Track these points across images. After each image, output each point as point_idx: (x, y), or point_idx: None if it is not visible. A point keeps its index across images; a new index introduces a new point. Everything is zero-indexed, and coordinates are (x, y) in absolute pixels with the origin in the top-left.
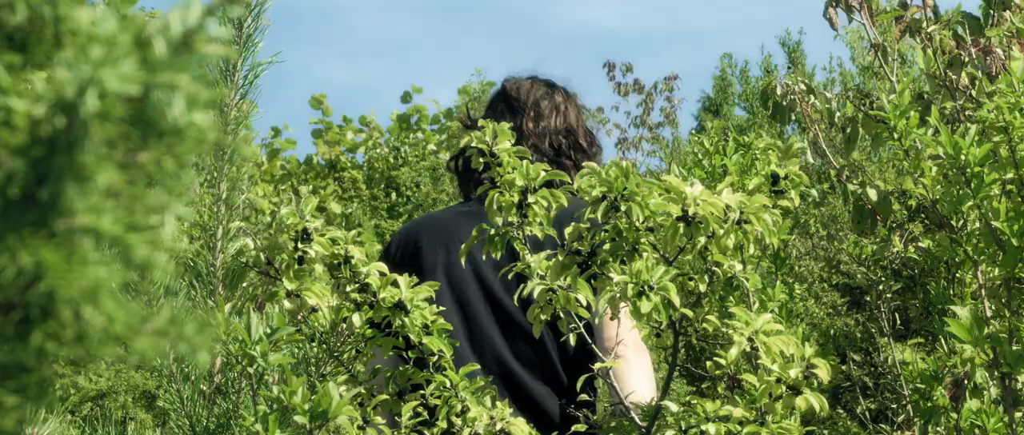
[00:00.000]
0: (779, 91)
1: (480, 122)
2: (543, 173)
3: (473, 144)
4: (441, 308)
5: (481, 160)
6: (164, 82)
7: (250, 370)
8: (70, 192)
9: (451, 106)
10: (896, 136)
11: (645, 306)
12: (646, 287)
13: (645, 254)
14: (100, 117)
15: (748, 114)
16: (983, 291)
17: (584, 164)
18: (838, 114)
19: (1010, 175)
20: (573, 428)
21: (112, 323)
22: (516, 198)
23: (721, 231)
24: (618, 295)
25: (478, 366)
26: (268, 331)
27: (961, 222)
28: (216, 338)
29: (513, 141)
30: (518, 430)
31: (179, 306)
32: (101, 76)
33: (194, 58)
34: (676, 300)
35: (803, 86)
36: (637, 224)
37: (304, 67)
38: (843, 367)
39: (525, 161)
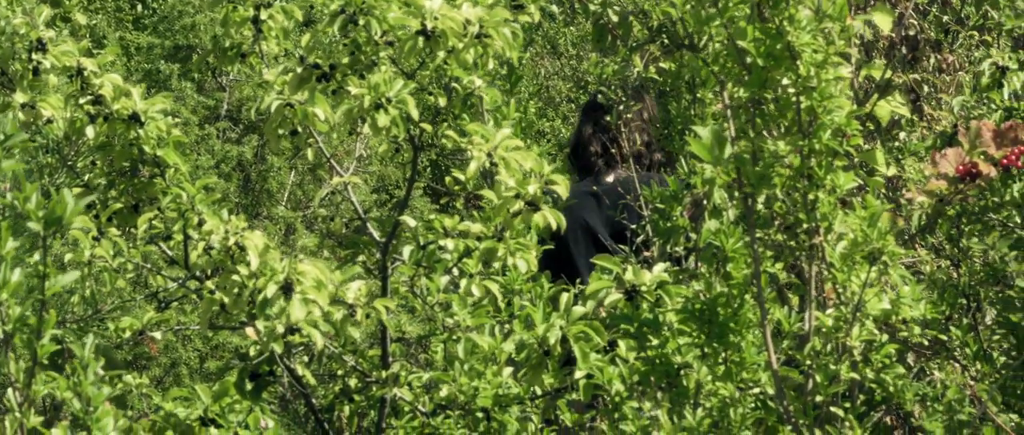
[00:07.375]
0: None
1: None
2: None
3: None
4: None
5: None
6: None
7: None
8: None
9: None
10: None
11: (382, 119)
12: (384, 100)
13: (384, 68)
14: None
15: None
16: (728, 112)
17: None
18: None
19: None
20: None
21: None
22: (250, 13)
23: (460, 45)
24: (355, 109)
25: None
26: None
27: (704, 41)
28: None
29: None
30: (252, 244)
31: None
32: None
33: None
34: (414, 113)
35: None
36: (376, 38)
37: None
38: None
39: None
